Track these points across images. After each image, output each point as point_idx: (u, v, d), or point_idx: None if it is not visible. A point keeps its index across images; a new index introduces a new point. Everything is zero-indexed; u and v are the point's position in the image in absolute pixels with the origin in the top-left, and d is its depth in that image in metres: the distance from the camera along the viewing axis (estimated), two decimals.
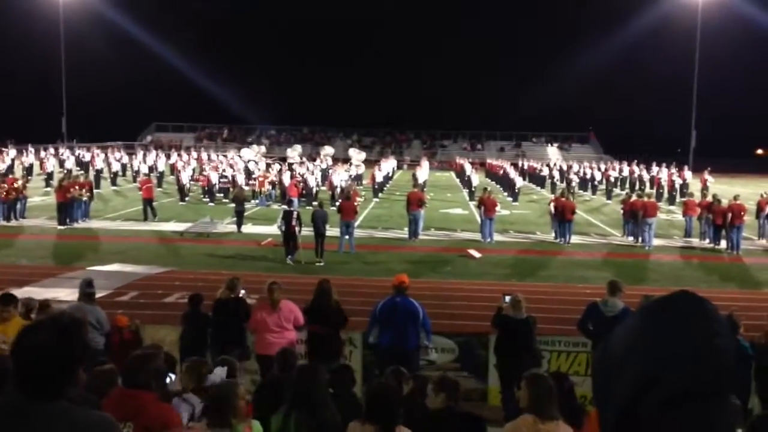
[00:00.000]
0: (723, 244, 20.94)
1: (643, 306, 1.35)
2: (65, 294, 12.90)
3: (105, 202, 29.64)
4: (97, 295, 9.74)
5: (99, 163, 41.02)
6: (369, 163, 45.30)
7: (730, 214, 20.46)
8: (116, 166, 38.36)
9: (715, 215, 21.06)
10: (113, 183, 36.46)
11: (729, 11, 60.58)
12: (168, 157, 43.99)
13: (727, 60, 68.98)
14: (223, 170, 33.52)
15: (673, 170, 37.18)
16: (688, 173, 36.70)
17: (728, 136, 73.34)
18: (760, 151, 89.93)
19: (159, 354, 4.64)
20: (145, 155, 43.15)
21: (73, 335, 2.22)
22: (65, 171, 31.96)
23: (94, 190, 26.99)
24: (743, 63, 72.65)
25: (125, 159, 42.55)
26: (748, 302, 14.12)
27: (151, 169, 37.74)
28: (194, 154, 46.83)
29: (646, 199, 22.34)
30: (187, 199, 29.90)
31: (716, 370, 1.25)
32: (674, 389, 1.24)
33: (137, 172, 36.81)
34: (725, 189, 28.90)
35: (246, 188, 28.81)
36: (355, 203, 20.46)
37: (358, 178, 38.53)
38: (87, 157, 43.22)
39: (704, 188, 32.61)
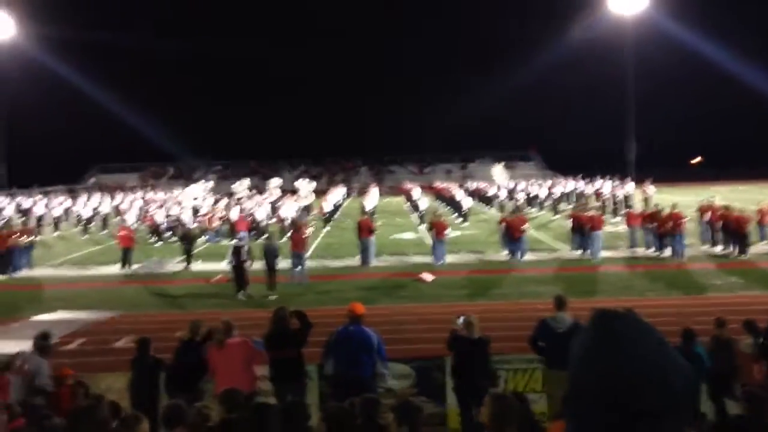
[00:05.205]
0: (667, 252, 21.50)
1: (586, 332, 1.38)
2: (10, 347, 12.41)
3: (47, 248, 28.79)
4: None
5: (40, 209, 39.88)
6: (318, 193, 45.24)
7: (671, 223, 21.08)
8: (58, 211, 37.38)
9: (658, 224, 21.67)
10: (56, 228, 35.49)
11: (658, 27, 63.06)
12: (112, 198, 43.13)
13: (659, 72, 71.48)
14: (169, 209, 33.02)
15: (616, 183, 38.10)
16: (629, 185, 37.65)
17: (664, 146, 75.70)
18: (697, 160, 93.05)
19: (101, 405, 4.49)
20: (88, 198, 42.19)
21: None
22: (4, 219, 31.02)
23: (37, 237, 26.25)
24: (675, 75, 75.33)
25: (68, 203, 41.50)
26: (695, 308, 14.48)
27: (95, 212, 36.84)
28: (139, 194, 46.00)
29: (591, 212, 22.85)
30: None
31: (658, 388, 1.28)
32: (627, 409, 1.27)
33: (80, 216, 35.94)
34: (667, 198, 29.76)
35: (194, 225, 28.41)
36: (305, 234, 20.37)
37: (307, 209, 38.39)
38: (27, 203, 42.00)
39: (646, 199, 33.49)
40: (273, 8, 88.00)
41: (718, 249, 22.18)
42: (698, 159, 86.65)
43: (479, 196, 45.44)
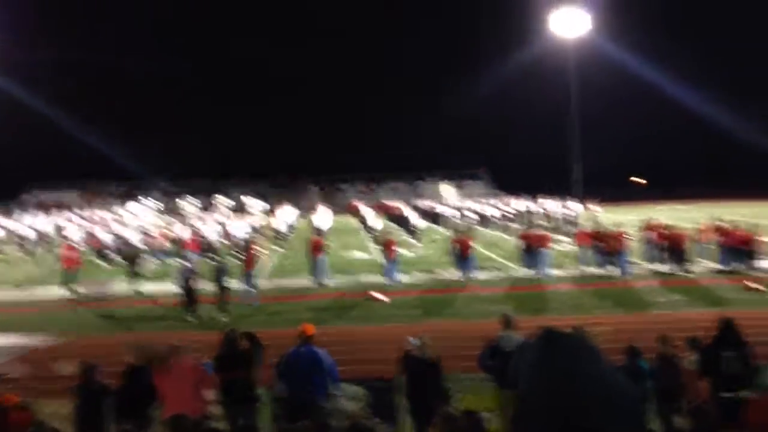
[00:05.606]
0: (613, 270, 21.98)
1: (531, 351, 1.40)
2: None
3: None
4: None
5: None
6: (268, 211, 44.85)
7: (616, 242, 21.62)
8: None
9: (604, 243, 22.18)
10: None
11: (601, 50, 65.09)
12: (53, 217, 41.93)
13: (604, 94, 73.57)
14: (114, 228, 32.30)
15: (563, 202, 38.89)
16: (576, 205, 38.47)
17: (610, 167, 77.72)
18: (639, 180, 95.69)
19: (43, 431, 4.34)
20: (27, 217, 40.93)
21: None
22: None
23: None
24: (619, 97, 77.60)
25: (5, 222, 40.16)
26: (640, 325, 14.82)
27: (35, 231, 35.76)
28: (82, 214, 44.88)
29: (539, 231, 23.26)
30: None
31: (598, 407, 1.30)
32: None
33: (19, 236, 34.85)
34: (612, 217, 30.50)
35: (140, 245, 27.84)
36: (255, 254, 20.17)
37: (257, 228, 38.03)
38: None
39: (592, 218, 34.24)
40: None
41: (662, 267, 22.79)
42: (641, 180, 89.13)
43: (429, 215, 45.77)
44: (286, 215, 40.68)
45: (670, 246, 22.26)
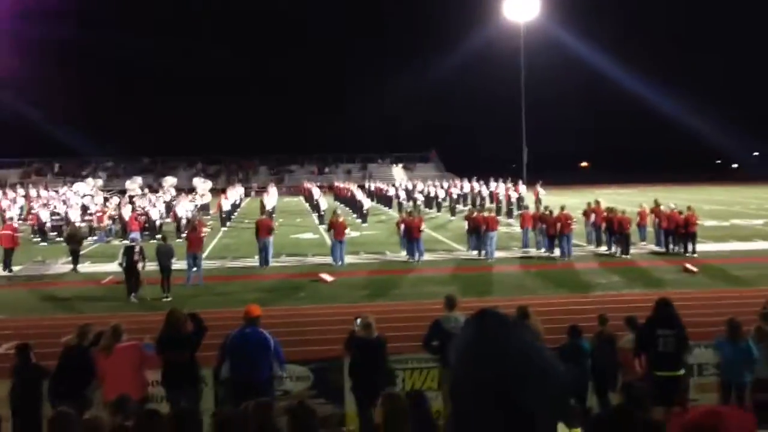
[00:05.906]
0: (557, 252, 22.42)
1: (467, 330, 1.42)
2: None
3: None
4: None
5: None
6: (215, 191, 44.21)
7: (559, 224, 22.04)
8: None
9: (548, 226, 22.57)
10: None
11: (550, 36, 65.89)
12: None
13: (550, 81, 74.57)
14: (54, 207, 31.40)
15: (509, 185, 39.36)
16: (522, 187, 38.96)
17: (556, 151, 79.07)
18: (584, 164, 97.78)
19: None
20: None
21: None
22: None
23: None
24: (566, 83, 78.77)
25: None
26: (581, 305, 15.18)
27: None
28: (21, 191, 43.48)
29: (486, 214, 23.51)
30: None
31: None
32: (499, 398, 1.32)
33: None
34: (557, 200, 31.02)
35: (82, 224, 27.18)
36: (202, 234, 19.88)
37: (204, 208, 37.47)
38: None
39: (537, 201, 34.78)
40: None
41: (603, 249, 23.34)
42: (584, 164, 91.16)
43: (379, 196, 45.81)
44: (234, 196, 40.18)
45: (610, 229, 22.78)
